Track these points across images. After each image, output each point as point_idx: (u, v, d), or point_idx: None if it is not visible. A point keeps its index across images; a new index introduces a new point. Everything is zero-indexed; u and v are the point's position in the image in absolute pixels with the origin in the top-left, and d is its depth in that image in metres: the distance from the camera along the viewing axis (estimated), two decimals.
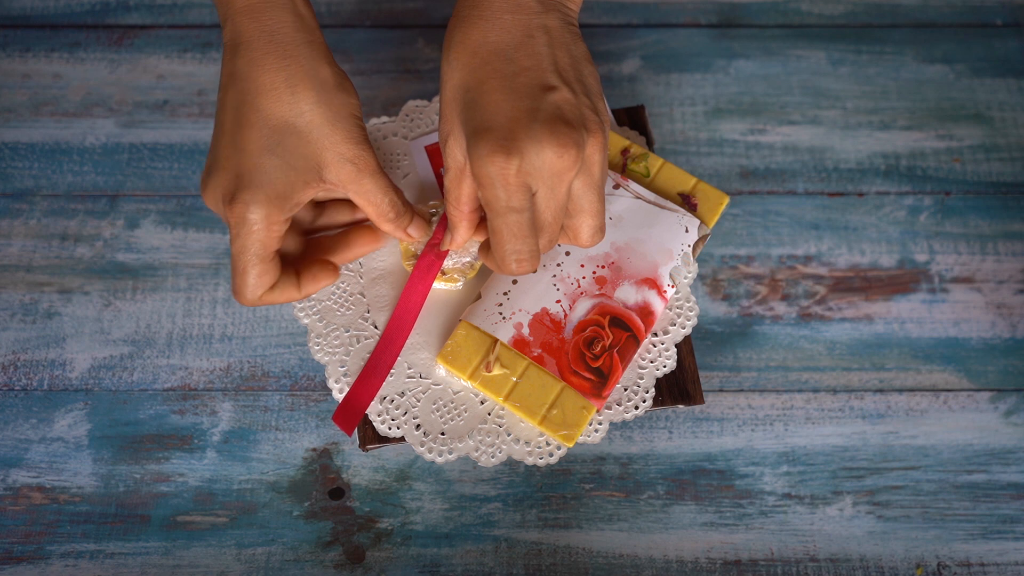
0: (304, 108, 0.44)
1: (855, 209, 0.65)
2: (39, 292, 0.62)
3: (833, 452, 0.59)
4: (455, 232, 0.48)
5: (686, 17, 0.71)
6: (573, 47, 0.44)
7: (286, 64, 0.44)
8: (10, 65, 0.68)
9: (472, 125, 0.42)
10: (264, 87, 0.44)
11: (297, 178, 0.44)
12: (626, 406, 0.52)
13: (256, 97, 0.44)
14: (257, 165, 0.44)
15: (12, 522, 0.56)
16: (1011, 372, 0.61)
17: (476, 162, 0.41)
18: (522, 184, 0.41)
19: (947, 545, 0.57)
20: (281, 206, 0.44)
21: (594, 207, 0.44)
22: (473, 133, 0.42)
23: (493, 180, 0.41)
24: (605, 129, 0.43)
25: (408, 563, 0.56)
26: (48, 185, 0.65)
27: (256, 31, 0.44)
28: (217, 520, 0.57)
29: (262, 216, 0.43)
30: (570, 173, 0.42)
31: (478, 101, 0.42)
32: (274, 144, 0.44)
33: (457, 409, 0.52)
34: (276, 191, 0.44)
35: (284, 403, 0.59)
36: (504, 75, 0.43)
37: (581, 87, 0.43)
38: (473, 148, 0.41)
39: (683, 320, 0.54)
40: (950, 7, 0.72)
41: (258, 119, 0.44)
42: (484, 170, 0.41)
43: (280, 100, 0.44)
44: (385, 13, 0.71)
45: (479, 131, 0.41)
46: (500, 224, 0.43)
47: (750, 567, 0.56)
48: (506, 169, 0.41)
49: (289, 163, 0.44)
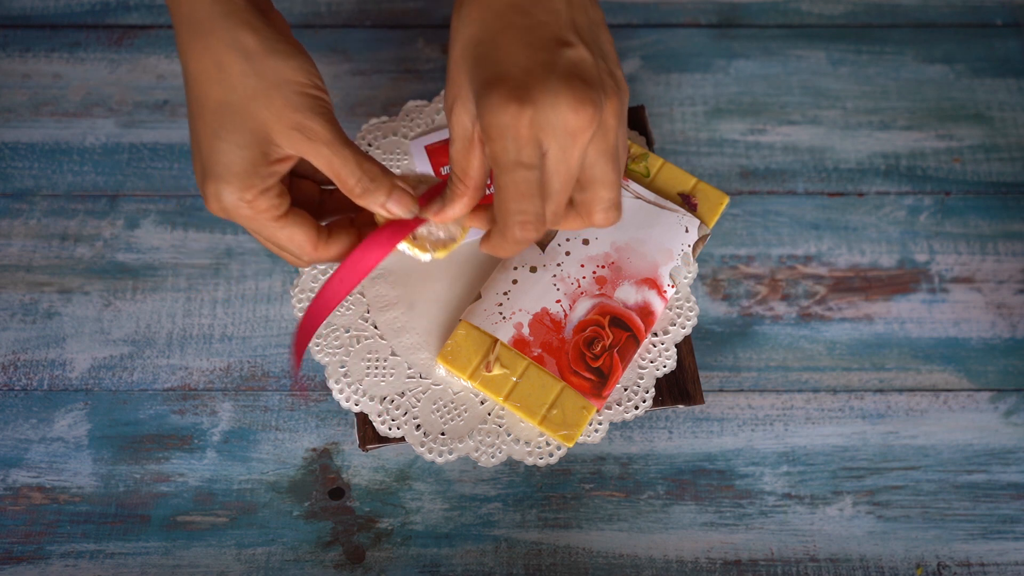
0: (234, 83, 0.41)
1: (855, 209, 0.65)
2: (39, 292, 0.62)
3: (833, 452, 0.59)
4: (451, 205, 0.43)
5: (686, 17, 0.71)
6: (591, 10, 0.42)
7: (208, 44, 0.42)
8: (10, 65, 0.68)
9: (483, 77, 0.39)
10: (196, 74, 0.42)
11: (251, 154, 0.42)
12: (626, 406, 0.52)
13: (193, 87, 0.42)
14: (210, 154, 0.42)
15: (12, 522, 0.56)
16: (1011, 372, 0.61)
17: (486, 112, 0.38)
18: (533, 137, 0.38)
19: (947, 545, 0.57)
20: (248, 185, 0.42)
21: (609, 178, 0.41)
22: (483, 84, 0.39)
23: (503, 131, 0.38)
24: (623, 97, 0.41)
25: (408, 563, 0.56)
26: (48, 185, 0.65)
27: (179, 20, 0.42)
28: (217, 520, 0.57)
29: (236, 200, 0.42)
30: (585, 134, 0.39)
31: (490, 54, 0.40)
32: (217, 128, 0.42)
33: (457, 409, 0.52)
34: (234, 173, 0.42)
35: (284, 403, 0.59)
36: (520, 28, 0.40)
37: (599, 50, 0.41)
38: (483, 99, 0.39)
39: (683, 320, 0.54)
40: (950, 7, 0.72)
41: (199, 108, 0.42)
42: (494, 119, 0.38)
43: (211, 81, 0.42)
44: (385, 13, 0.71)
45: (490, 81, 0.39)
46: (507, 181, 0.39)
47: (750, 567, 0.56)
48: (518, 119, 0.38)
49: (237, 143, 0.42)
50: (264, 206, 0.43)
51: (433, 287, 0.55)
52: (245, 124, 0.42)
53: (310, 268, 0.55)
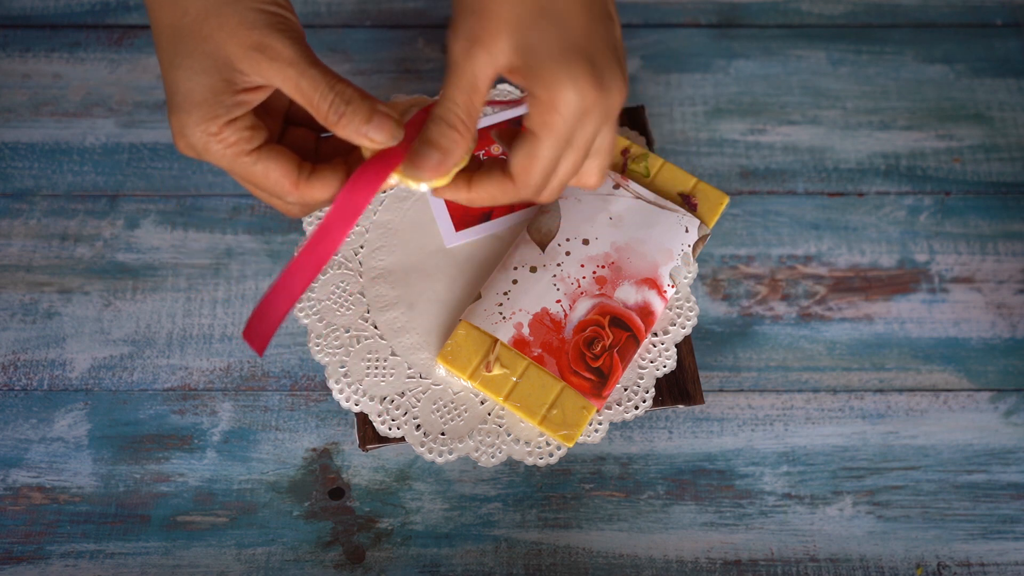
0: (187, 4, 0.38)
1: (855, 209, 0.65)
2: (39, 292, 0.62)
3: (833, 452, 0.59)
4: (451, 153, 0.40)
5: (686, 17, 0.71)
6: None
7: None
8: (10, 65, 0.68)
9: (557, 42, 0.37)
10: (153, 4, 0.39)
11: (211, 81, 0.38)
12: (626, 406, 0.52)
13: (151, 15, 0.39)
14: (171, 85, 0.39)
15: (12, 522, 0.56)
16: (1011, 372, 0.61)
17: (563, 88, 0.36)
18: (593, 121, 0.38)
19: (947, 545, 0.57)
20: (211, 115, 0.38)
21: (610, 147, 0.41)
22: (562, 52, 0.37)
23: (570, 109, 0.37)
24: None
25: (408, 563, 0.56)
26: (48, 185, 0.65)
27: None
28: (217, 520, 0.57)
29: (200, 133, 0.38)
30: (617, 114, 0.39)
31: (561, 15, 0.37)
32: (173, 55, 0.39)
33: (457, 409, 0.52)
34: (195, 102, 0.38)
35: (284, 403, 0.59)
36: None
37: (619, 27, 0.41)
38: (561, 69, 0.36)
39: (683, 320, 0.54)
40: (950, 7, 0.72)
41: (158, 36, 0.39)
42: (565, 96, 0.37)
43: (165, 6, 0.39)
44: (385, 13, 0.71)
45: (570, 52, 0.37)
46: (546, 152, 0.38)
47: (750, 567, 0.56)
48: (595, 104, 0.37)
49: (194, 68, 0.38)
50: (232, 139, 0.39)
51: (433, 287, 0.55)
52: (200, 48, 0.38)
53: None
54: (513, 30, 0.37)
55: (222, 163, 0.40)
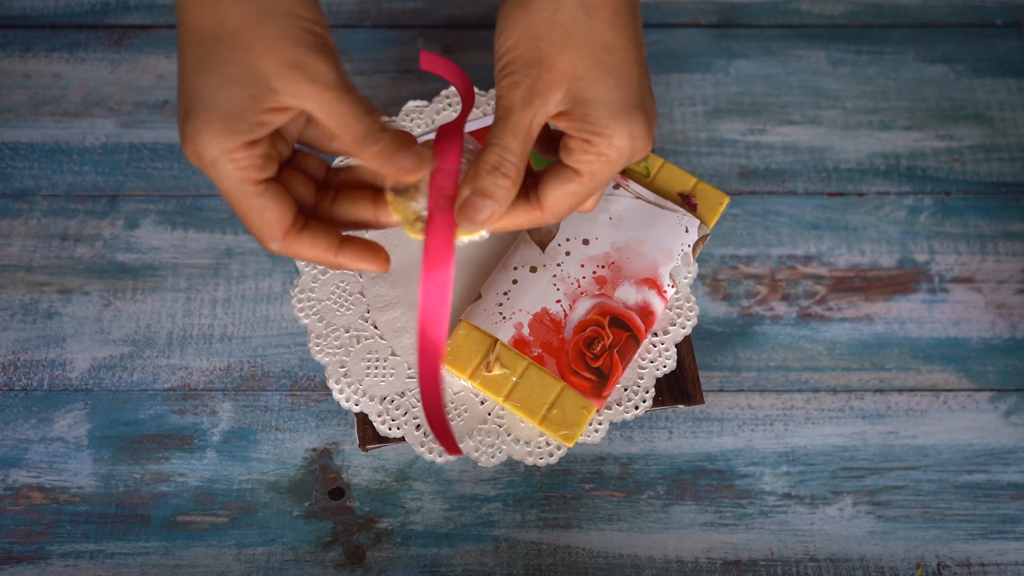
0: (228, 9, 0.37)
1: (855, 209, 0.65)
2: (39, 292, 0.62)
3: (833, 452, 0.59)
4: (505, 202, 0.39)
5: (686, 17, 0.71)
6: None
7: None
8: (10, 65, 0.68)
9: (617, 96, 0.38)
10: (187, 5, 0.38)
11: (241, 92, 0.37)
12: (626, 406, 0.52)
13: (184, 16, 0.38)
14: (193, 89, 0.37)
15: (12, 522, 0.56)
16: (1011, 372, 0.61)
17: (620, 137, 0.38)
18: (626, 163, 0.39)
19: (947, 545, 0.57)
20: (232, 129, 0.37)
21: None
22: (623, 106, 0.38)
23: (622, 158, 0.38)
24: None
25: (408, 563, 0.56)
26: (48, 185, 0.65)
27: None
28: (217, 520, 0.57)
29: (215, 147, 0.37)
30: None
31: (616, 68, 0.38)
32: (204, 59, 0.37)
33: (457, 409, 0.52)
34: (219, 112, 0.36)
35: (284, 403, 0.59)
36: (635, 42, 0.39)
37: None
38: (621, 123, 0.38)
39: (683, 320, 0.54)
40: (950, 7, 0.72)
41: (187, 39, 0.37)
42: (621, 147, 0.38)
43: (203, 9, 0.37)
44: (385, 13, 0.71)
45: (630, 106, 0.38)
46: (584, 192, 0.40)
47: (750, 567, 0.56)
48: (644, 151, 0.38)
49: (225, 77, 0.37)
50: (245, 163, 0.37)
51: None
52: (235, 57, 0.37)
53: (309, 267, 0.55)
54: (572, 82, 0.38)
55: (225, 183, 0.38)
